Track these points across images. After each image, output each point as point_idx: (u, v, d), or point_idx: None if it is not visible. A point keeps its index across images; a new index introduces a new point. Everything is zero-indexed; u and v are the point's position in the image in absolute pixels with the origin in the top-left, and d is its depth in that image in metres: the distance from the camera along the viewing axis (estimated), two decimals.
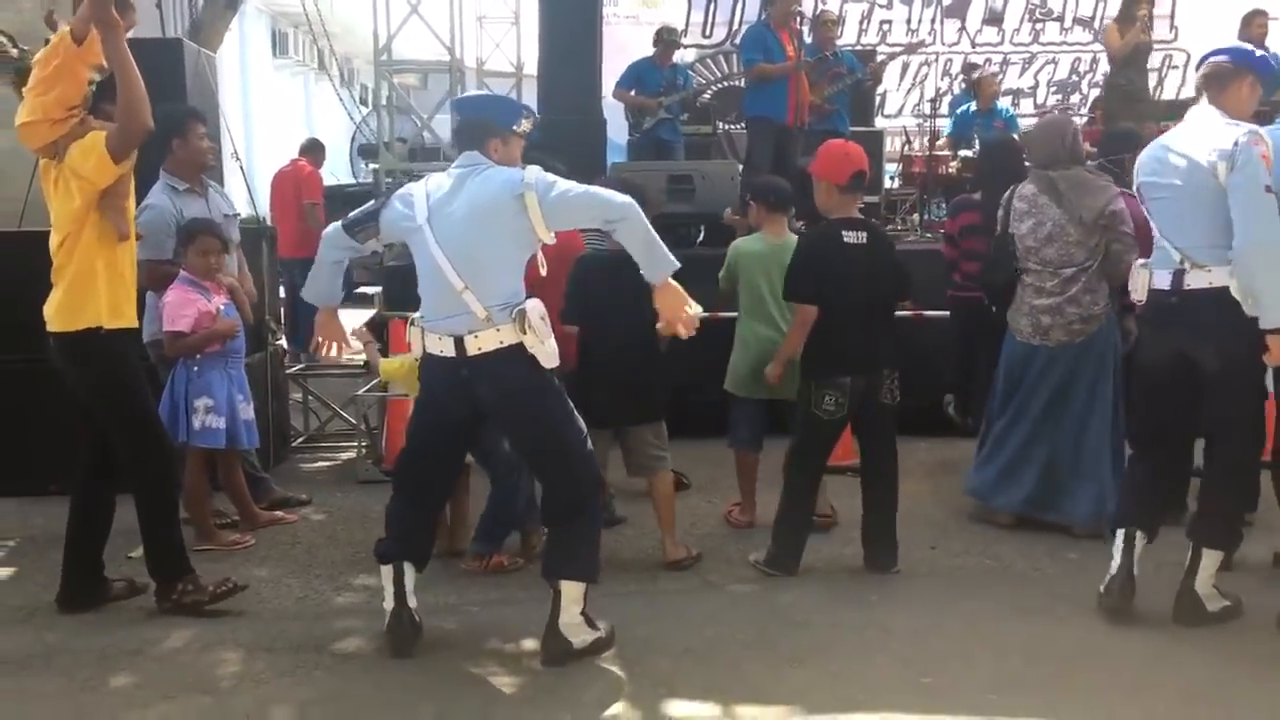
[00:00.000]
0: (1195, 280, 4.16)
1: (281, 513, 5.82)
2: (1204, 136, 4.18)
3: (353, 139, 11.16)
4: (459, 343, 3.92)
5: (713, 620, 4.44)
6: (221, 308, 5.32)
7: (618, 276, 4.68)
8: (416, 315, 4.08)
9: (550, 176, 3.93)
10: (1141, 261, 4.45)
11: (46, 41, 4.53)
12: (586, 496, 4.03)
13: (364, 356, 9.42)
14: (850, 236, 4.86)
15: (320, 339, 4.43)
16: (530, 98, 10.25)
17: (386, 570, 4.11)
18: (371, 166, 11.72)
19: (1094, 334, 5.27)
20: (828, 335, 4.87)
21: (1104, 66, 12.69)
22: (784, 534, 4.97)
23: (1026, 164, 5.68)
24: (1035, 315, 5.32)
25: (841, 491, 5.48)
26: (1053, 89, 13.07)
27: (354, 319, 12.02)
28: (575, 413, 4.07)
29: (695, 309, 3.91)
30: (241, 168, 7.10)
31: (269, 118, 19.99)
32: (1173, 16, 12.86)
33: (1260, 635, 4.25)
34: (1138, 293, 4.40)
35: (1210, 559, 4.31)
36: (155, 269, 5.30)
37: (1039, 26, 12.95)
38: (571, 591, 3.99)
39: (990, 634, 4.29)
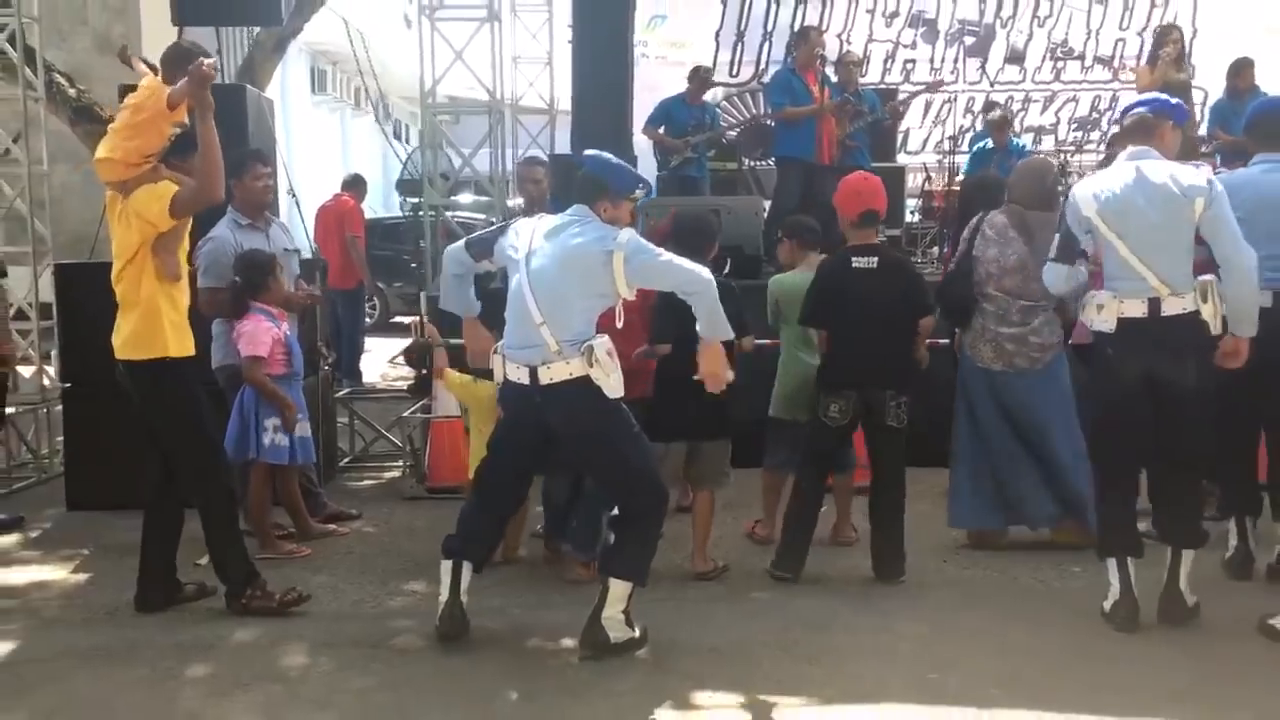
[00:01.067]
0: (1171, 306, 4.52)
1: (334, 526, 6.21)
2: (1172, 174, 4.55)
3: (401, 174, 11.61)
4: (533, 372, 4.37)
5: (736, 624, 4.81)
6: (289, 333, 5.77)
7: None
8: (500, 344, 4.55)
9: (641, 241, 4.40)
10: (1107, 293, 4.66)
11: (128, 88, 5.00)
12: (647, 508, 4.45)
13: (403, 383, 9.93)
14: (859, 262, 5.30)
15: (474, 350, 4.86)
16: (562, 134, 10.72)
17: (446, 564, 4.54)
18: (411, 200, 12.16)
19: (1051, 361, 5.59)
20: (837, 350, 5.38)
21: (1124, 103, 13.08)
22: (791, 531, 5.39)
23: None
24: (999, 343, 5.58)
25: (860, 508, 5.81)
26: (1073, 126, 13.37)
27: (391, 347, 12.52)
28: (640, 434, 4.49)
29: (729, 375, 4.45)
30: (297, 203, 7.54)
31: (308, 152, 20.59)
32: (1190, 55, 13.17)
33: (1246, 639, 4.55)
34: (1107, 323, 4.63)
35: (1189, 560, 4.69)
36: (214, 295, 5.73)
37: (1060, 65, 13.26)
38: (618, 590, 4.40)
39: (994, 638, 4.63)
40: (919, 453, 5.65)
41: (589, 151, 4.67)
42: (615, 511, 4.64)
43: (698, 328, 4.42)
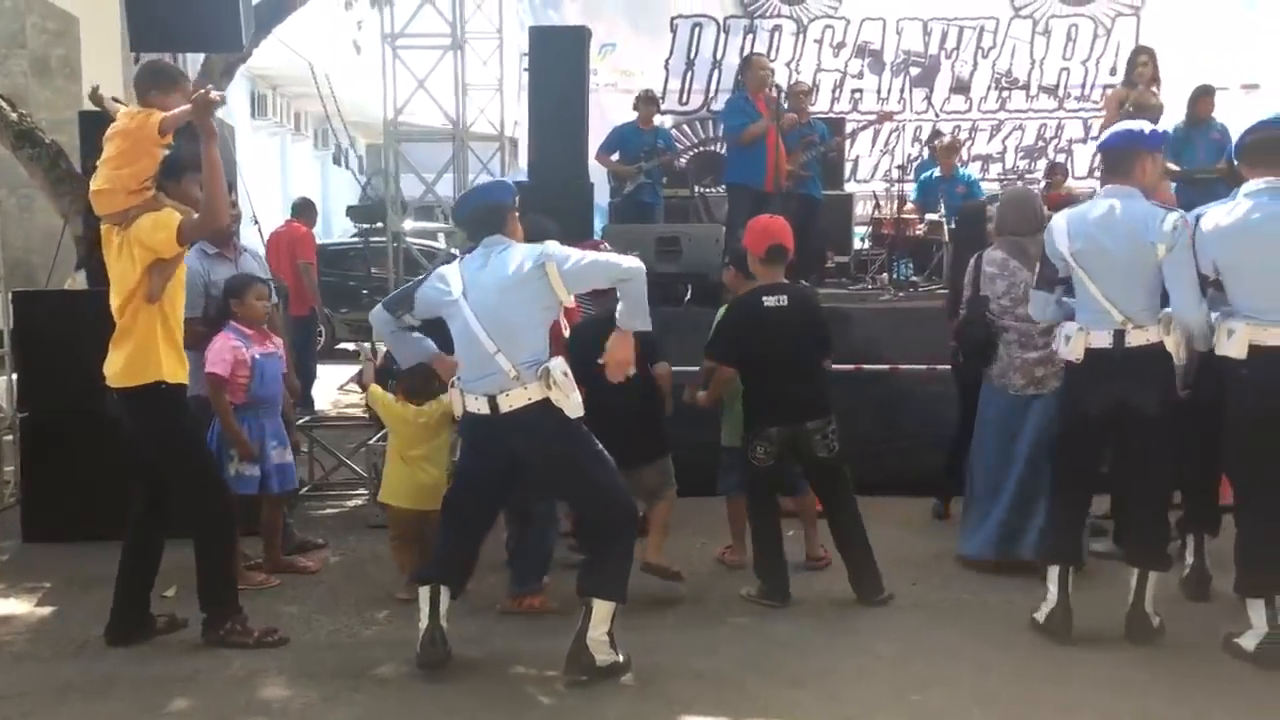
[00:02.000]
0: (1136, 339, 4.72)
1: (303, 561, 6.11)
2: (1141, 216, 4.70)
3: (362, 199, 11.53)
4: (492, 401, 4.40)
5: (717, 648, 4.85)
6: (258, 356, 5.63)
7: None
8: (455, 378, 4.59)
9: (565, 249, 4.51)
10: (1075, 325, 4.87)
11: (105, 115, 4.95)
12: (620, 524, 4.50)
13: (356, 410, 9.85)
14: (770, 300, 5.40)
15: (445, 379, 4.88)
16: (513, 161, 10.75)
17: (424, 591, 4.54)
18: (360, 226, 12.09)
19: None
20: (756, 391, 5.45)
21: (1069, 133, 13.44)
22: (766, 570, 5.46)
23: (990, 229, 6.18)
24: (1029, 368, 5.71)
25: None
26: (1020, 154, 13.60)
27: (339, 374, 12.36)
28: (603, 452, 4.52)
29: (630, 371, 4.57)
30: (260, 231, 7.49)
31: (248, 177, 20.36)
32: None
33: (1212, 659, 4.68)
34: (1074, 353, 4.86)
35: (1155, 582, 4.83)
36: (186, 327, 5.65)
37: (1005, 94, 13.52)
38: (601, 610, 4.42)
39: (969, 659, 4.72)
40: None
41: (464, 196, 4.95)
42: (580, 532, 4.67)
43: (617, 316, 4.50)
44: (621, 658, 4.51)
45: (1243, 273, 4.59)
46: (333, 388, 11.99)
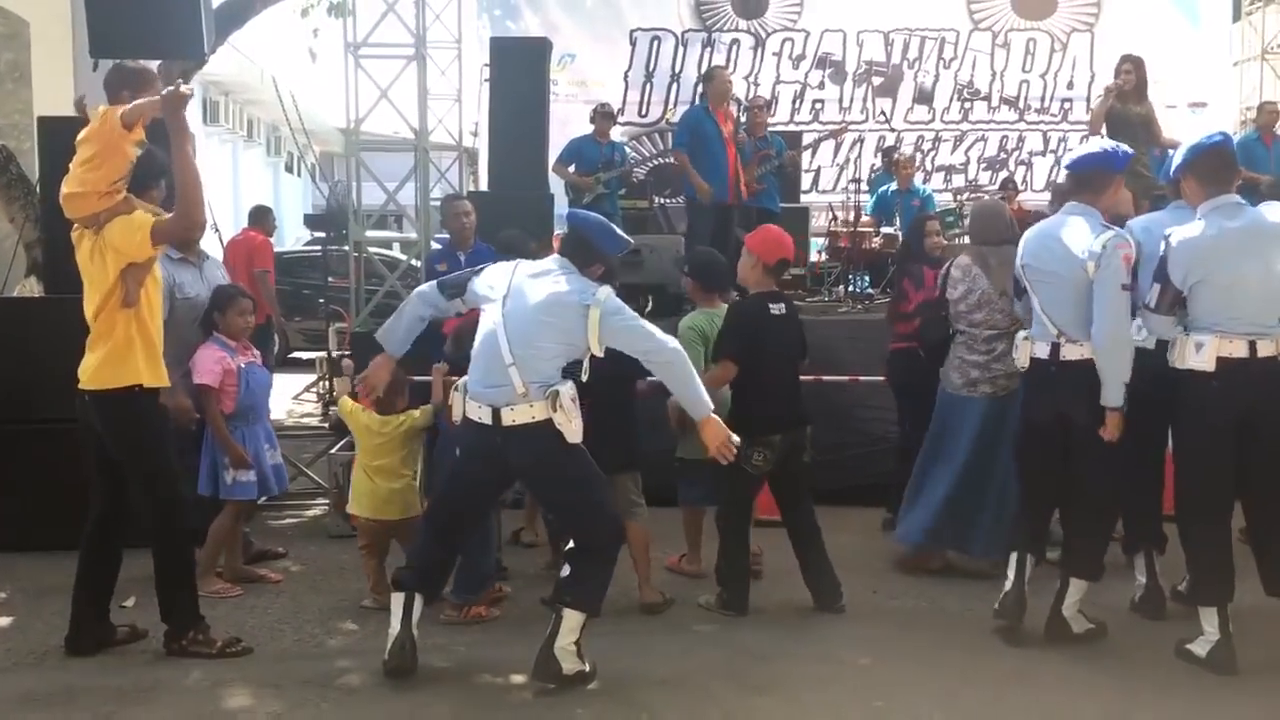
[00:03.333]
0: (1070, 352, 4.89)
1: (264, 572, 6.06)
2: (1080, 235, 4.88)
3: (327, 208, 11.46)
4: (496, 413, 4.42)
5: (683, 656, 4.88)
6: (243, 365, 5.67)
7: None
8: (462, 381, 4.59)
9: (619, 301, 4.50)
10: (1024, 334, 5.11)
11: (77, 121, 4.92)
12: (605, 541, 4.53)
13: (311, 419, 9.81)
14: (774, 309, 5.51)
15: (368, 378, 4.90)
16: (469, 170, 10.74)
17: (398, 597, 4.54)
18: (316, 235, 12.05)
19: (1017, 390, 5.79)
20: (762, 397, 5.44)
21: (1030, 145, 13.64)
22: (729, 578, 5.49)
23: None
24: (965, 369, 5.90)
25: (780, 544, 5.85)
26: (983, 165, 13.78)
27: (294, 384, 12.22)
28: (598, 472, 4.57)
29: (735, 439, 4.56)
30: (220, 239, 7.45)
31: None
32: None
33: (1165, 664, 4.78)
34: (1021, 360, 5.10)
35: (1076, 587, 4.99)
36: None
37: (967, 105, 13.73)
38: (571, 620, 4.44)
39: (930, 664, 4.79)
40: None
41: (576, 211, 4.78)
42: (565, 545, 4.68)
43: (681, 403, 4.57)
44: (588, 666, 4.53)
45: (1211, 286, 4.69)
46: (288, 397, 11.91)
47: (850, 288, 10.17)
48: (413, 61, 8.83)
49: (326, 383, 10.39)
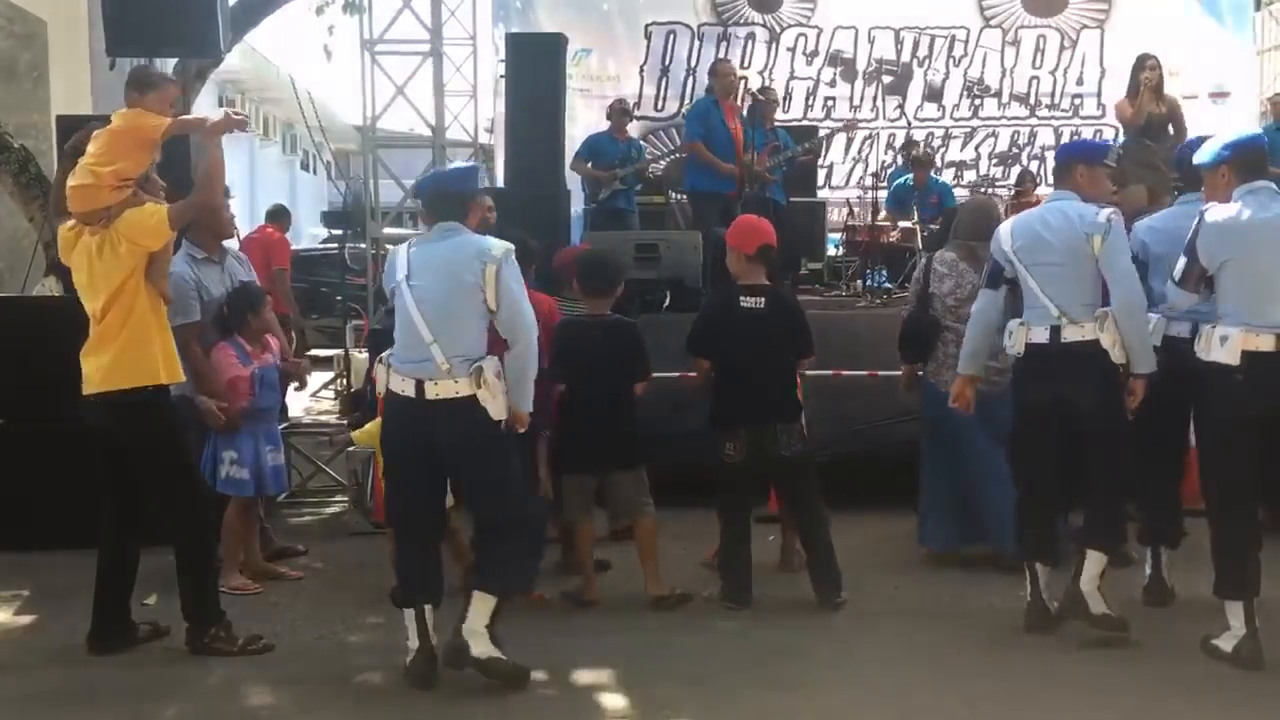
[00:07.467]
0: (1071, 334, 4.85)
1: (284, 569, 6.07)
2: (1075, 214, 4.89)
3: (344, 206, 11.49)
4: (419, 386, 4.41)
5: (703, 653, 4.86)
6: (256, 369, 5.66)
7: (597, 337, 5.46)
8: (386, 354, 4.57)
9: (515, 263, 4.49)
10: (1018, 320, 5.02)
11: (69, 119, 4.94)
12: (516, 524, 4.51)
13: (328, 416, 9.81)
14: (748, 302, 5.47)
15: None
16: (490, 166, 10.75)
17: (409, 613, 4.48)
18: (334, 232, 12.07)
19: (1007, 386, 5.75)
20: (726, 390, 5.48)
21: (1041, 140, 13.56)
22: (728, 570, 5.50)
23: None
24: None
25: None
26: (994, 161, 13.70)
27: (311, 381, 12.25)
28: (515, 457, 4.60)
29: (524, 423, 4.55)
30: (239, 238, 7.46)
31: None
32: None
33: (1192, 661, 4.72)
34: (1015, 347, 5.02)
35: (1094, 560, 4.88)
36: (180, 333, 5.61)
37: (977, 102, 13.67)
38: (479, 604, 4.40)
39: (954, 661, 4.76)
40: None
41: (434, 172, 4.77)
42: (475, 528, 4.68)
43: (510, 395, 4.49)
44: (506, 657, 4.41)
45: (1238, 271, 4.65)
46: (307, 394, 11.93)
47: (868, 282, 10.13)
48: (428, 58, 8.82)
49: (344, 380, 10.39)
